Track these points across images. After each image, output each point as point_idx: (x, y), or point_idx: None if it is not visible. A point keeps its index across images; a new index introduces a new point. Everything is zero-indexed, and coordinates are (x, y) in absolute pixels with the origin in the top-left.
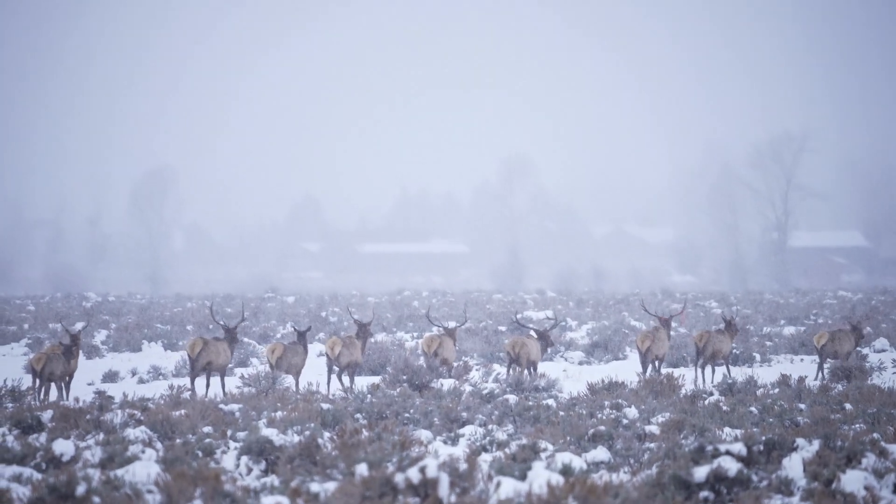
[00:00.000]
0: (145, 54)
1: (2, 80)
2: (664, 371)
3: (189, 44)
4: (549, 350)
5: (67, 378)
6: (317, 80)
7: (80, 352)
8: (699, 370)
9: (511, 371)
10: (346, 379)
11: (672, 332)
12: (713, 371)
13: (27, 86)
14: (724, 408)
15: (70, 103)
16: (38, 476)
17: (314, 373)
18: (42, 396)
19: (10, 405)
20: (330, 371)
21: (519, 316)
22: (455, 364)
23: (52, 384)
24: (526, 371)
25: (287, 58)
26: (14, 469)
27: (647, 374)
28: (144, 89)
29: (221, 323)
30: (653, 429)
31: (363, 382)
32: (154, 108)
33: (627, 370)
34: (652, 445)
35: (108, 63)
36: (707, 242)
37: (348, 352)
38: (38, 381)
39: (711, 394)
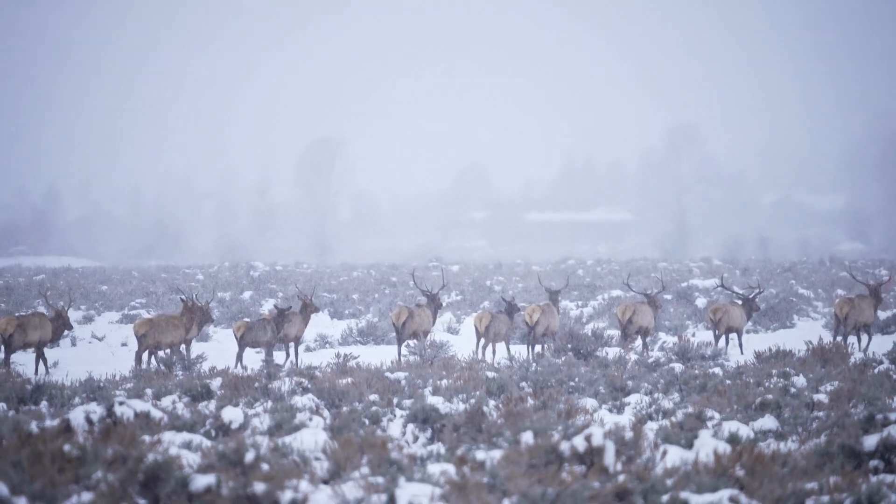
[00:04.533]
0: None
1: (169, 57)
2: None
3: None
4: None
5: (272, 344)
6: (482, 46)
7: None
8: (842, 339)
9: (626, 337)
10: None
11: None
12: (859, 339)
13: (194, 61)
14: (895, 377)
15: (241, 77)
16: (207, 443)
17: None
18: (240, 363)
19: (180, 373)
20: (479, 339)
21: (684, 284)
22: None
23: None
24: (641, 339)
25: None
26: (184, 436)
27: (844, 339)
28: (317, 59)
29: (424, 289)
30: (821, 397)
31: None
32: (321, 78)
33: (795, 338)
34: (820, 414)
35: (282, 35)
36: (877, 210)
37: (495, 324)
38: (240, 347)
39: (881, 362)
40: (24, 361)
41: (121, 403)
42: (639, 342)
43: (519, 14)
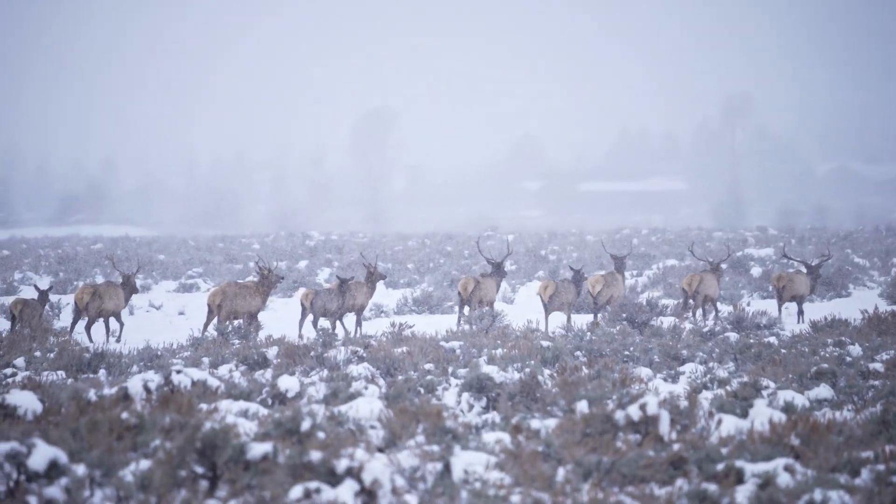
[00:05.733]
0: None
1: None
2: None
3: None
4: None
5: (340, 313)
6: (538, 15)
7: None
8: None
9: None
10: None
11: None
12: None
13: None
14: None
15: (295, 48)
16: (263, 411)
17: (534, 311)
18: (301, 331)
19: (237, 342)
20: (544, 309)
21: (739, 254)
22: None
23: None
24: (701, 308)
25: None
26: (241, 405)
27: None
28: (372, 29)
29: (488, 257)
30: (877, 366)
31: (581, 321)
32: (375, 48)
33: (850, 307)
34: (876, 383)
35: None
36: None
37: (560, 293)
38: (307, 314)
39: None
40: (80, 330)
41: (178, 372)
42: (699, 313)
43: None
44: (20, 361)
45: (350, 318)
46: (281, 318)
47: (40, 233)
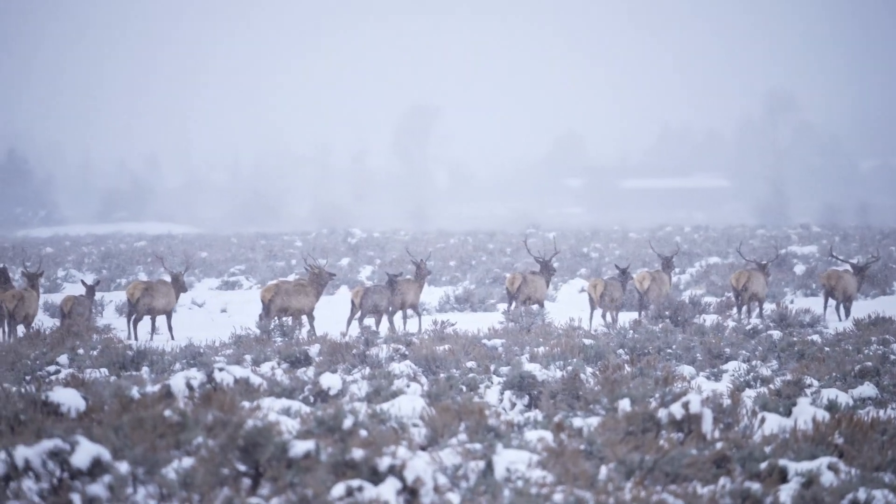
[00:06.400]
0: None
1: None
2: None
3: None
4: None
5: (391, 309)
6: (579, 13)
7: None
8: None
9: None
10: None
11: None
12: None
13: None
14: None
15: (339, 45)
16: (306, 409)
17: (576, 309)
18: (349, 328)
19: (280, 339)
20: (593, 306)
21: (782, 251)
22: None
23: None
24: (747, 305)
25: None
26: (283, 402)
27: None
28: (415, 26)
29: (537, 256)
30: None
31: (625, 318)
32: (418, 45)
33: (894, 305)
34: None
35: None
36: None
37: (609, 291)
38: (356, 312)
39: None
40: (121, 327)
41: (220, 369)
42: (744, 311)
43: None
44: (63, 359)
45: (397, 316)
46: (323, 315)
47: (83, 230)
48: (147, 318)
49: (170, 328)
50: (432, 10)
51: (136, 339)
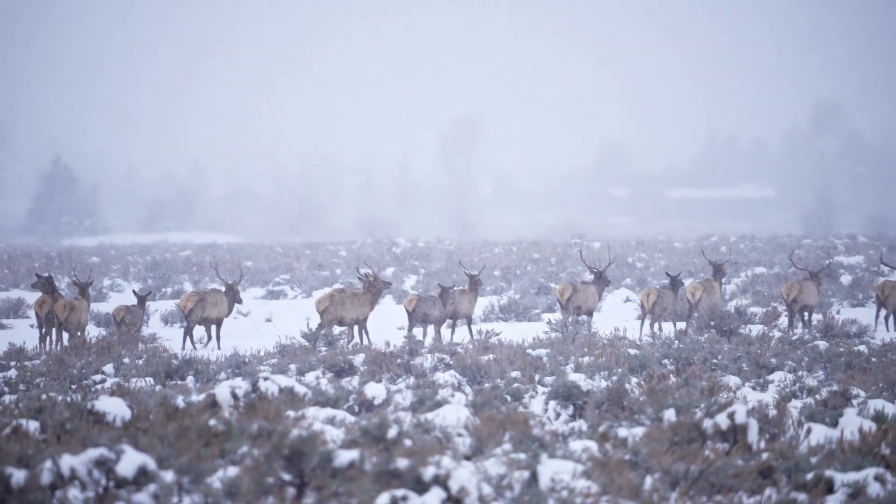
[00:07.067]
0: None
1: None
2: None
3: None
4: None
5: (442, 319)
6: (624, 24)
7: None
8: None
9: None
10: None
11: None
12: None
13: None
14: None
15: (381, 53)
16: (350, 419)
17: (621, 318)
18: (410, 333)
19: (324, 349)
20: (645, 316)
21: (828, 262)
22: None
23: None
24: (799, 316)
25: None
26: (328, 412)
27: None
28: (459, 35)
29: (591, 266)
30: None
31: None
32: (462, 54)
33: None
34: None
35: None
36: None
37: (661, 300)
38: (410, 321)
39: None
40: (169, 336)
41: (265, 379)
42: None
43: None
44: (109, 368)
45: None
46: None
47: (129, 239)
48: (199, 327)
49: (218, 337)
50: (477, 21)
51: (193, 348)
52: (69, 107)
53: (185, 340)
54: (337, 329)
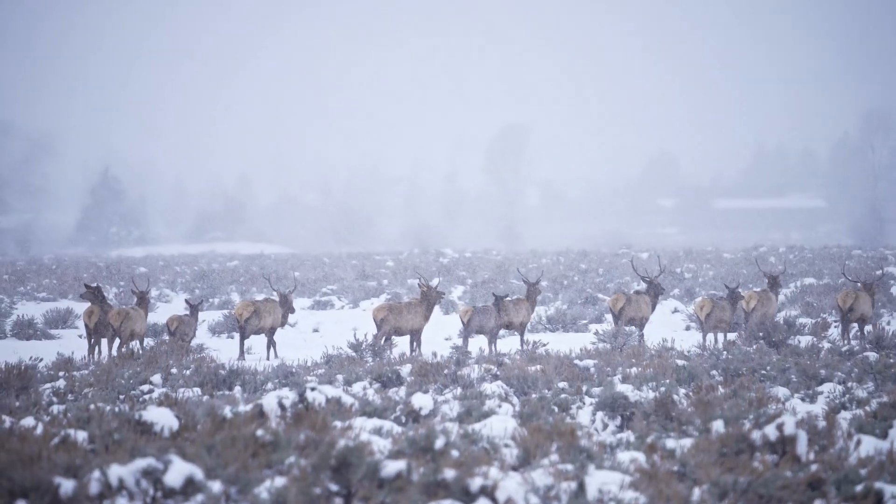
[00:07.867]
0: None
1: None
2: None
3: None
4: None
5: (496, 331)
6: (673, 33)
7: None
8: None
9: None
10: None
11: None
12: None
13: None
14: None
15: (428, 64)
16: (397, 429)
17: (669, 329)
18: (465, 344)
19: (371, 359)
20: (701, 327)
21: (879, 272)
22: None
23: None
24: (856, 325)
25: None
26: (375, 422)
27: None
28: (505, 46)
29: (643, 274)
30: None
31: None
32: (510, 66)
33: None
34: None
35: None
36: None
37: (716, 312)
38: (465, 331)
39: None
40: (217, 346)
41: (312, 389)
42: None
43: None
44: (157, 378)
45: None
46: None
47: (176, 250)
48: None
49: (268, 347)
50: (526, 31)
51: (243, 359)
52: (118, 118)
53: (241, 349)
54: (395, 338)
